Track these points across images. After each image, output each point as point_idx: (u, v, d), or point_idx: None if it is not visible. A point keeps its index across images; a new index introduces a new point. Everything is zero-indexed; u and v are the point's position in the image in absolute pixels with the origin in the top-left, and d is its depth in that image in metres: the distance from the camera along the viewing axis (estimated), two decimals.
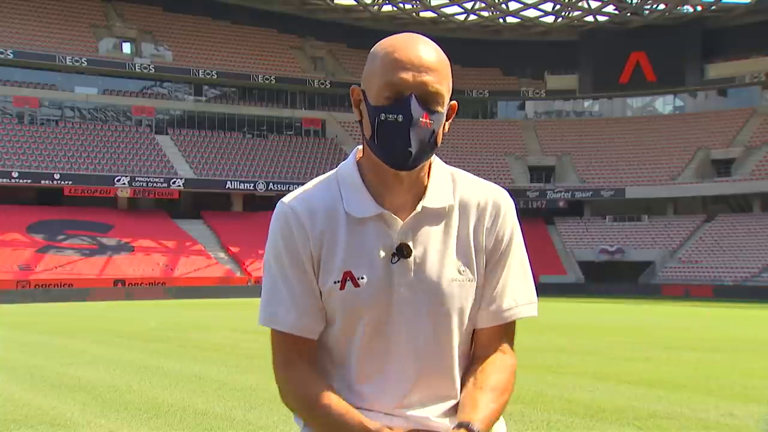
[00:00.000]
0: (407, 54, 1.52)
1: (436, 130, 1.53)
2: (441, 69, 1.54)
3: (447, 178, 1.66)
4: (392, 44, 1.55)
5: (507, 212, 1.66)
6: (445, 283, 1.58)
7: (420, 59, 1.51)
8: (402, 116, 1.49)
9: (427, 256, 1.58)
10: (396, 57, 1.52)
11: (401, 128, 1.50)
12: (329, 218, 1.59)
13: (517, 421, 6.57)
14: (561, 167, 58.70)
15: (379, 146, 1.53)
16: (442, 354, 1.61)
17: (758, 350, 13.25)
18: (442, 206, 1.61)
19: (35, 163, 47.78)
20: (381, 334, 1.57)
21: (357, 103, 1.60)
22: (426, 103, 1.51)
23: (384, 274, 1.56)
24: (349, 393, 1.60)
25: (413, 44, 1.54)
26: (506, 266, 1.65)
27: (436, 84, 1.52)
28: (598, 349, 13.20)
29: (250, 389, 8.48)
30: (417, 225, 1.59)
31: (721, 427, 6.54)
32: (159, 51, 56.50)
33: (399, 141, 1.50)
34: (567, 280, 49.50)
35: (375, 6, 61.88)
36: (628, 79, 61.49)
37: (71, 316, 24.12)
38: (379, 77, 1.52)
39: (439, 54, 1.55)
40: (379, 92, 1.52)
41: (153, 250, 45.69)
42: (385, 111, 1.51)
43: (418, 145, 1.51)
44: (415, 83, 1.50)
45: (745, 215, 52.69)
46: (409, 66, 1.51)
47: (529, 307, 1.67)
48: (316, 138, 59.43)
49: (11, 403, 7.77)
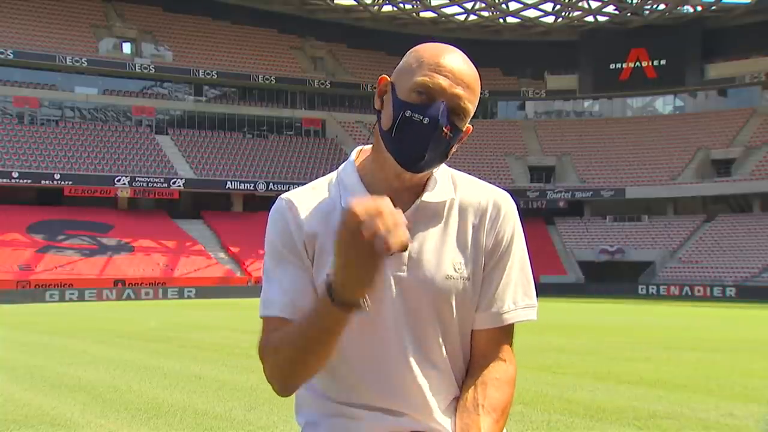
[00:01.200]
0: (450, 63, 1.53)
1: (452, 144, 1.55)
2: (475, 89, 1.55)
3: (447, 178, 1.66)
4: (437, 49, 1.56)
5: (508, 214, 1.65)
6: (440, 280, 1.57)
7: (461, 72, 1.53)
8: (428, 119, 1.50)
9: (422, 252, 1.58)
10: (439, 62, 1.53)
11: (424, 130, 1.50)
12: (326, 216, 1.59)
13: (517, 421, 6.56)
14: (561, 167, 58.69)
15: (396, 140, 1.53)
16: (436, 349, 1.60)
17: (758, 350, 13.25)
18: (440, 201, 1.61)
19: (35, 163, 47.78)
20: (371, 328, 1.56)
21: (382, 92, 1.59)
22: (453, 114, 1.52)
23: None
24: (338, 388, 1.60)
25: (457, 56, 1.55)
26: (506, 268, 1.64)
27: (467, 101, 1.53)
28: (598, 349, 13.20)
29: (250, 389, 8.48)
30: (415, 219, 1.58)
31: (721, 427, 6.54)
32: (159, 51, 56.51)
33: (418, 142, 1.50)
34: (567, 280, 49.49)
35: (375, 6, 61.87)
36: (628, 80, 61.52)
37: (71, 316, 24.12)
38: (416, 75, 1.53)
39: (476, 74, 1.57)
40: (412, 88, 1.52)
41: (153, 250, 45.69)
42: (412, 109, 1.51)
43: (434, 152, 1.52)
44: (450, 93, 1.51)
45: (745, 215, 52.69)
46: (449, 74, 1.52)
47: (528, 310, 1.66)
48: (316, 138, 59.42)
49: (11, 403, 7.78)
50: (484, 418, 1.55)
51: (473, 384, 1.61)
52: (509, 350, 1.66)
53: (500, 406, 1.58)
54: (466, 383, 1.62)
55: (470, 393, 1.60)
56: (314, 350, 1.48)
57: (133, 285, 40.68)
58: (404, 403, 1.58)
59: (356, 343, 1.57)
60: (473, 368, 1.64)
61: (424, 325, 1.58)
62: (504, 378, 1.61)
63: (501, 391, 1.60)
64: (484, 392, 1.59)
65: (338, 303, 1.38)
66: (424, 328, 1.59)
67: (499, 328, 1.64)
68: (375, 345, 1.58)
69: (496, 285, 1.63)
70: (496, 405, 1.58)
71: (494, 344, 1.64)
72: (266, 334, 1.58)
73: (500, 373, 1.62)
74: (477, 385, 1.60)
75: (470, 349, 1.66)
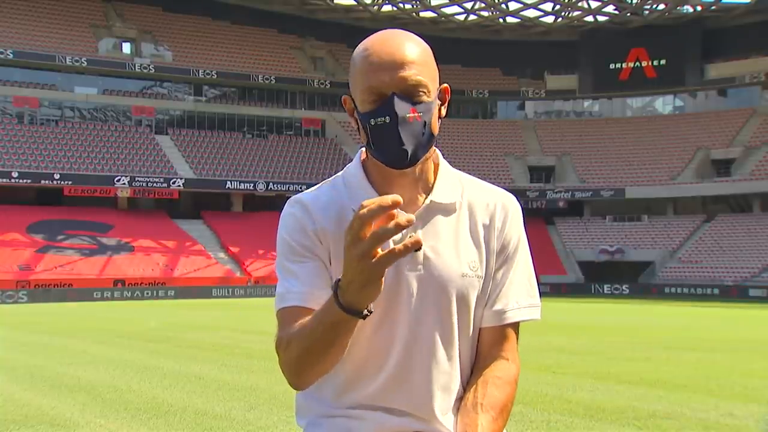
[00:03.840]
0: (380, 54, 1.51)
1: (428, 120, 1.52)
2: (418, 59, 1.52)
3: (455, 179, 1.66)
4: (366, 47, 1.54)
5: (515, 216, 1.67)
6: (456, 278, 1.58)
7: (393, 56, 1.50)
8: (389, 117, 1.48)
9: (437, 251, 1.58)
10: (370, 60, 1.51)
11: (391, 129, 1.49)
12: (337, 216, 1.59)
13: (517, 421, 6.57)
14: (561, 167, 58.70)
15: (376, 150, 1.53)
16: (449, 349, 1.60)
17: (758, 350, 13.25)
18: (450, 201, 1.62)
19: (35, 163, 47.78)
20: (385, 327, 1.56)
21: (351, 111, 1.59)
22: (410, 96, 1.50)
23: (392, 269, 1.53)
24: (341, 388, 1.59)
25: (385, 42, 1.53)
26: (512, 269, 1.65)
27: (415, 76, 1.50)
28: (598, 349, 13.20)
29: (250, 389, 8.48)
30: (426, 218, 1.59)
31: (721, 427, 6.54)
32: (159, 51, 56.52)
33: (392, 142, 1.49)
34: (567, 280, 49.51)
35: (375, 6, 61.91)
36: (627, 79, 61.53)
37: (71, 316, 24.12)
38: (360, 83, 1.52)
39: (413, 44, 1.53)
40: (363, 98, 1.52)
41: (153, 250, 45.69)
42: (371, 116, 1.50)
43: (412, 140, 1.50)
44: (393, 81, 1.49)
45: (744, 215, 52.71)
46: (385, 66, 1.49)
47: (531, 310, 1.67)
48: (316, 138, 59.43)
49: (11, 403, 7.78)
50: (481, 416, 1.55)
51: (475, 383, 1.61)
52: (513, 349, 1.67)
53: (499, 405, 1.58)
54: (470, 382, 1.63)
55: (471, 392, 1.60)
56: (321, 349, 1.47)
57: (133, 285, 40.68)
58: (408, 403, 1.58)
59: (366, 342, 1.57)
60: (477, 367, 1.65)
61: (438, 325, 1.58)
62: (505, 377, 1.62)
63: (501, 389, 1.60)
64: (484, 391, 1.59)
65: (342, 305, 1.37)
66: (439, 327, 1.59)
67: (503, 326, 1.65)
68: (385, 342, 1.58)
69: (502, 284, 1.64)
70: (494, 403, 1.57)
71: (498, 343, 1.65)
72: (283, 327, 1.56)
73: (502, 371, 1.62)
74: (478, 384, 1.61)
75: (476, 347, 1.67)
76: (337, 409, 1.60)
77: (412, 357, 1.57)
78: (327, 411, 1.61)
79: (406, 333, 1.57)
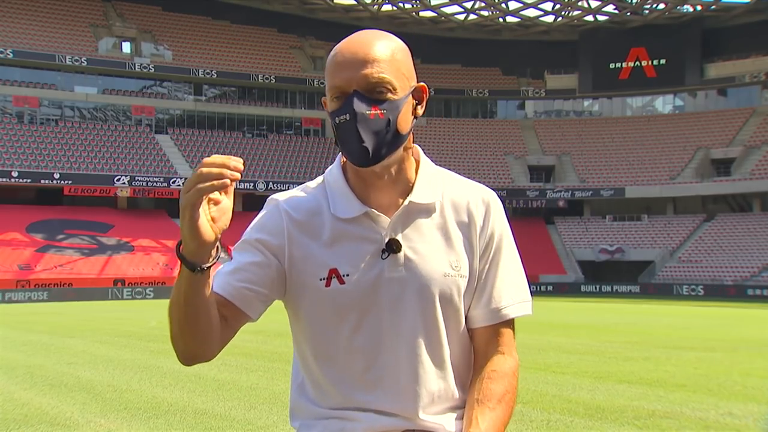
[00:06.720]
0: (344, 54, 1.52)
1: (393, 118, 1.51)
2: (383, 56, 1.52)
3: (435, 177, 1.65)
4: (335, 49, 1.56)
5: (496, 211, 1.66)
6: (438, 278, 1.57)
7: (356, 54, 1.51)
8: (348, 115, 1.49)
9: (418, 251, 1.57)
10: (336, 59, 1.53)
11: (350, 126, 1.49)
12: (314, 219, 1.60)
13: (518, 421, 6.57)
14: (561, 167, 58.71)
15: (341, 148, 1.54)
16: (435, 349, 1.59)
17: (758, 350, 13.24)
18: (429, 202, 1.61)
19: (35, 162, 47.79)
20: (368, 330, 1.56)
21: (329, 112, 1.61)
22: (371, 93, 1.50)
23: (372, 271, 1.55)
24: (332, 391, 1.59)
25: (352, 42, 1.54)
26: (498, 265, 1.64)
27: (378, 73, 1.50)
28: (598, 349, 13.19)
29: (250, 389, 8.48)
30: (406, 220, 1.58)
31: (720, 426, 6.54)
32: (159, 51, 56.52)
33: (352, 139, 1.50)
34: (567, 279, 49.52)
35: (375, 6, 61.91)
36: (627, 79, 61.54)
37: (71, 316, 24.11)
38: (328, 83, 1.54)
39: (381, 42, 1.53)
40: (330, 97, 1.54)
41: (153, 250, 45.70)
42: (335, 114, 1.51)
43: (373, 138, 1.50)
44: (354, 79, 1.50)
45: (744, 215, 52.72)
46: (347, 64, 1.50)
47: (523, 305, 1.66)
48: (315, 138, 59.45)
49: (11, 402, 7.77)
50: (477, 410, 1.56)
51: (473, 382, 1.62)
52: (509, 343, 1.66)
53: (496, 395, 1.58)
54: (470, 382, 1.64)
55: (470, 392, 1.61)
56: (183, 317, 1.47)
57: (133, 284, 40.69)
58: (396, 405, 1.57)
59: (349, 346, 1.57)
60: (475, 366, 1.65)
61: (422, 326, 1.58)
62: (501, 369, 1.62)
63: (497, 381, 1.60)
64: (480, 386, 1.59)
65: (182, 257, 1.42)
66: (423, 328, 1.58)
67: (497, 324, 1.65)
68: (369, 346, 1.57)
69: (490, 282, 1.64)
70: (491, 395, 1.58)
71: (494, 340, 1.65)
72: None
73: (498, 365, 1.62)
74: (475, 382, 1.61)
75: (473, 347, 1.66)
76: (328, 411, 1.60)
77: (397, 359, 1.57)
78: (319, 413, 1.62)
79: (389, 335, 1.56)
